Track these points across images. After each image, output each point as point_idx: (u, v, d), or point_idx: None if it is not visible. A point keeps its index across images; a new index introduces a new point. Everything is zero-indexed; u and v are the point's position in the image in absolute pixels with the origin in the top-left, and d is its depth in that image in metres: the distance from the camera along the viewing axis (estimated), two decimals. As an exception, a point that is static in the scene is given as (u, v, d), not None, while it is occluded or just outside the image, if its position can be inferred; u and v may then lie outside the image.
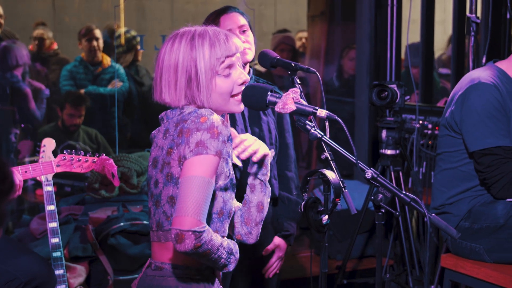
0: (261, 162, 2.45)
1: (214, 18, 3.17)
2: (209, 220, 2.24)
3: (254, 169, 2.46)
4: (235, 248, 2.27)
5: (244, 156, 2.38)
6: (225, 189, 2.26)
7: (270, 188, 2.48)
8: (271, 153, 2.47)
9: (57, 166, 3.36)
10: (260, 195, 2.46)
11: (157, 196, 2.26)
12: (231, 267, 2.25)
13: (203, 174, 2.10)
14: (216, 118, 2.15)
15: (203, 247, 2.07)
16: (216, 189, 2.23)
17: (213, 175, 2.13)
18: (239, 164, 2.41)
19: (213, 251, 2.13)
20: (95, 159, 3.39)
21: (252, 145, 2.40)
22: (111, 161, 3.36)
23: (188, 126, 2.16)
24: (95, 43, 5.86)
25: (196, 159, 2.11)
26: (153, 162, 2.28)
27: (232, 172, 2.28)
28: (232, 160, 2.31)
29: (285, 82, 6.22)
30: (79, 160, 3.38)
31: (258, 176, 2.46)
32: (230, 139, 2.20)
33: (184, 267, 2.24)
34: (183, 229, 2.04)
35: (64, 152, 3.37)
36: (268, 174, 2.46)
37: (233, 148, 2.38)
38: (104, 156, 3.39)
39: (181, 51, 2.23)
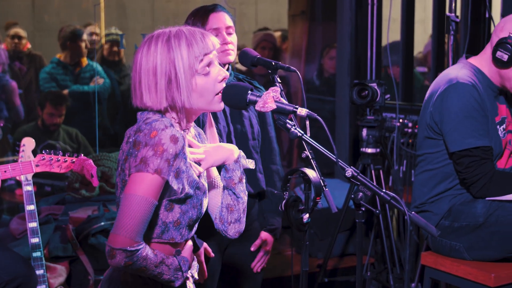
0: (222, 166, 2.44)
1: (202, 14, 3.16)
2: (164, 229, 2.25)
3: (221, 172, 2.46)
4: (185, 265, 2.28)
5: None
6: (183, 201, 2.25)
7: (238, 194, 2.46)
8: (231, 159, 2.42)
9: (36, 166, 3.35)
10: (227, 198, 2.45)
11: (118, 198, 2.26)
12: (177, 283, 2.27)
13: (142, 193, 2.11)
14: (166, 134, 2.13)
15: (135, 265, 2.11)
16: (172, 201, 2.22)
17: (153, 193, 2.12)
18: (202, 170, 2.37)
19: (149, 268, 2.16)
20: (74, 159, 3.38)
21: (203, 162, 2.37)
22: (90, 161, 3.36)
23: (140, 138, 2.14)
24: (82, 44, 5.85)
25: (136, 176, 2.12)
26: (117, 164, 2.29)
27: (192, 184, 2.25)
28: (193, 171, 2.28)
29: (266, 81, 6.22)
30: (58, 160, 3.37)
31: (221, 180, 2.46)
32: (180, 155, 2.17)
33: None
34: (114, 247, 2.09)
35: (43, 152, 3.37)
36: (234, 178, 2.43)
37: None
38: (83, 156, 3.39)
39: (158, 54, 2.20)
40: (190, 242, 2.41)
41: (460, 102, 3.26)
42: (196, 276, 2.46)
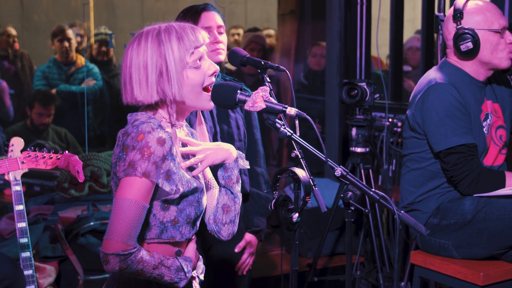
0: (221, 165, 2.43)
1: (193, 13, 3.16)
2: (163, 229, 2.25)
3: (218, 172, 2.45)
4: (187, 265, 2.28)
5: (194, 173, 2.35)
6: (178, 200, 2.25)
7: (236, 193, 2.46)
8: (231, 158, 2.40)
9: (22, 163, 3.37)
10: (224, 197, 2.45)
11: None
12: (181, 284, 2.26)
13: (132, 196, 2.11)
14: (152, 136, 2.13)
15: (130, 268, 2.11)
16: (167, 201, 2.23)
17: (143, 196, 2.13)
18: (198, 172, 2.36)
19: (147, 271, 2.16)
20: (59, 155, 3.39)
21: (204, 161, 2.35)
22: (76, 157, 3.36)
23: (128, 142, 2.14)
24: (66, 43, 5.82)
25: (125, 180, 2.13)
26: (111, 167, 2.29)
27: (184, 184, 2.24)
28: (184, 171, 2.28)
29: (255, 80, 6.22)
30: (44, 157, 3.39)
31: (219, 179, 2.45)
32: (168, 156, 2.16)
33: None
34: (107, 253, 2.09)
35: (28, 149, 3.38)
36: (233, 177, 2.43)
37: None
38: (67, 152, 3.40)
39: (148, 48, 2.20)
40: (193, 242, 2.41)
41: (440, 102, 3.28)
42: (201, 277, 2.44)
